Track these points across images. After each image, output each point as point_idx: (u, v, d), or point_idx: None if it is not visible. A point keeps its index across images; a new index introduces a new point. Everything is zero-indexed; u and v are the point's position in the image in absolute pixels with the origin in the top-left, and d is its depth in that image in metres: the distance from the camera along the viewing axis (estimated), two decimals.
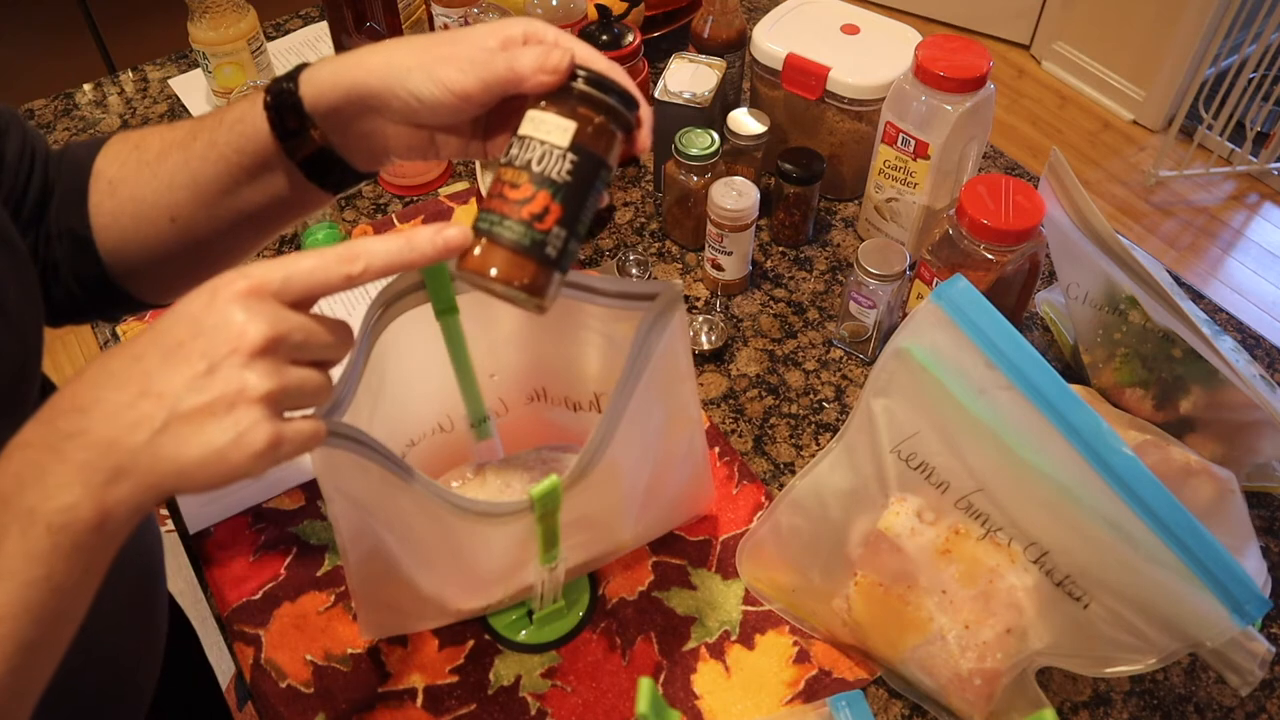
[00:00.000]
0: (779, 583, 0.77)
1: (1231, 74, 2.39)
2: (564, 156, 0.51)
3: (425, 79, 0.52)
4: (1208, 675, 0.75)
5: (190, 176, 0.59)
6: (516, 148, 0.52)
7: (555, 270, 0.51)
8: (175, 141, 0.61)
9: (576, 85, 0.52)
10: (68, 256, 0.63)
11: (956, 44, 0.93)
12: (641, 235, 1.08)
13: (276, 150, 0.57)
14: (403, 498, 0.60)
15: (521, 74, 0.51)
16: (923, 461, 0.64)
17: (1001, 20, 2.96)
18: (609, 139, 0.53)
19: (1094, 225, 0.78)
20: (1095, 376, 0.89)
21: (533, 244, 0.50)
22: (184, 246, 0.62)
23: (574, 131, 0.51)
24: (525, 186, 0.50)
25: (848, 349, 0.97)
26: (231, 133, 0.58)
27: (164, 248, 0.62)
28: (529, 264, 0.50)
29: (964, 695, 0.66)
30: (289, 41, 1.34)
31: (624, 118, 0.53)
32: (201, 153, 0.59)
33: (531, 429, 0.77)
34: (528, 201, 0.50)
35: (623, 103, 0.53)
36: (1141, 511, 0.55)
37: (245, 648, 0.76)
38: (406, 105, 0.53)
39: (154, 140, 0.62)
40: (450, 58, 0.52)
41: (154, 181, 0.61)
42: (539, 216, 0.50)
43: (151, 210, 0.61)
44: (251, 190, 0.60)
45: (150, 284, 0.66)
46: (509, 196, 0.50)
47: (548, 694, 0.73)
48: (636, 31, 1.09)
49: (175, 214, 0.61)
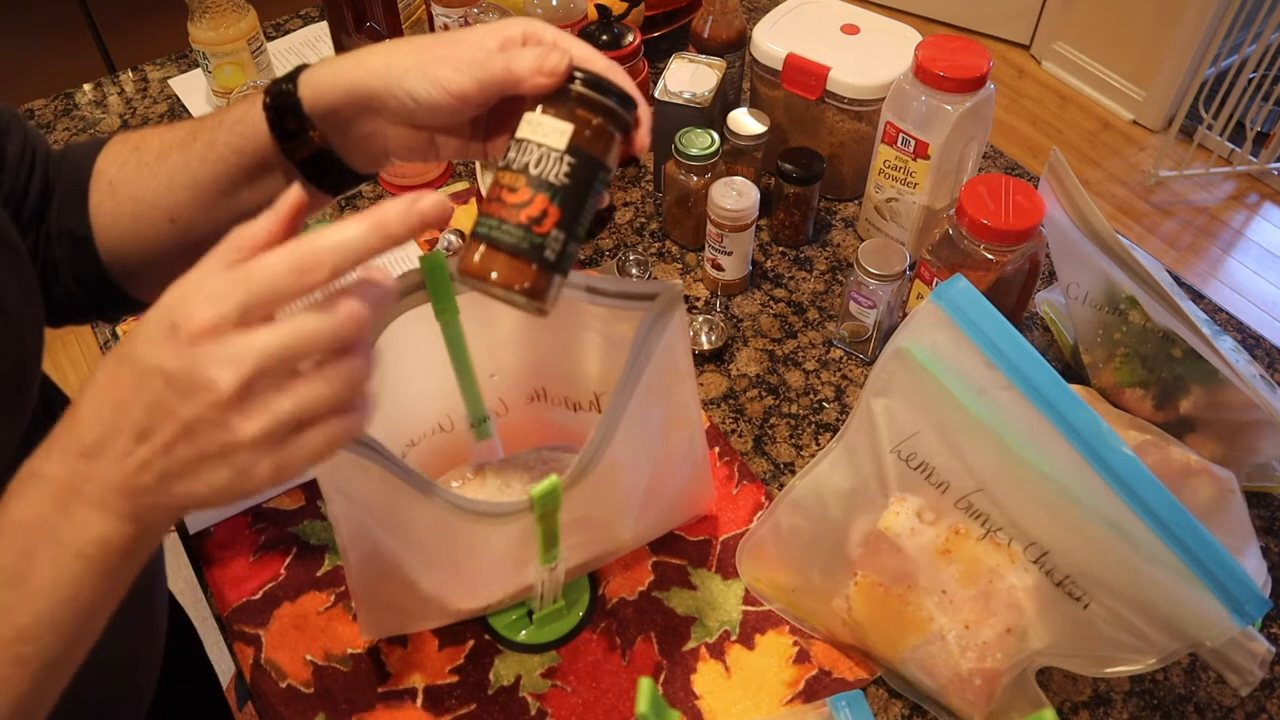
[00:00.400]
0: (779, 583, 0.77)
1: (1231, 74, 2.39)
2: (561, 159, 0.50)
3: (422, 79, 0.52)
4: (1208, 675, 0.75)
5: (190, 177, 0.59)
6: (514, 151, 0.51)
7: (555, 273, 0.51)
8: (175, 142, 0.61)
9: (574, 87, 0.51)
10: (67, 257, 0.63)
11: (956, 44, 0.93)
12: (641, 235, 1.08)
13: (276, 151, 0.57)
14: (402, 498, 0.60)
15: (519, 75, 0.51)
16: (923, 461, 0.64)
17: (1001, 20, 2.96)
18: (607, 140, 0.52)
19: (1094, 225, 0.78)
20: (1095, 376, 0.89)
21: (532, 248, 0.50)
22: (184, 247, 0.62)
23: (571, 134, 0.51)
24: (523, 190, 0.50)
25: (848, 349, 0.97)
26: (231, 133, 0.58)
27: (164, 248, 0.62)
28: (529, 268, 0.50)
29: (964, 695, 0.66)
30: (289, 41, 1.34)
31: (622, 119, 0.53)
32: (201, 153, 0.59)
33: (531, 429, 0.77)
34: (526, 205, 0.50)
35: (621, 103, 0.52)
36: (1141, 511, 0.55)
37: (245, 648, 0.76)
38: (404, 106, 0.53)
39: (154, 141, 0.62)
40: (447, 58, 0.52)
41: (153, 182, 0.61)
42: (537, 220, 0.50)
43: (151, 210, 0.61)
44: (251, 191, 0.60)
45: (150, 284, 0.66)
46: (507, 200, 0.50)
47: (548, 694, 0.73)
48: (636, 31, 1.09)
49: (175, 214, 0.61)
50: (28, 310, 0.57)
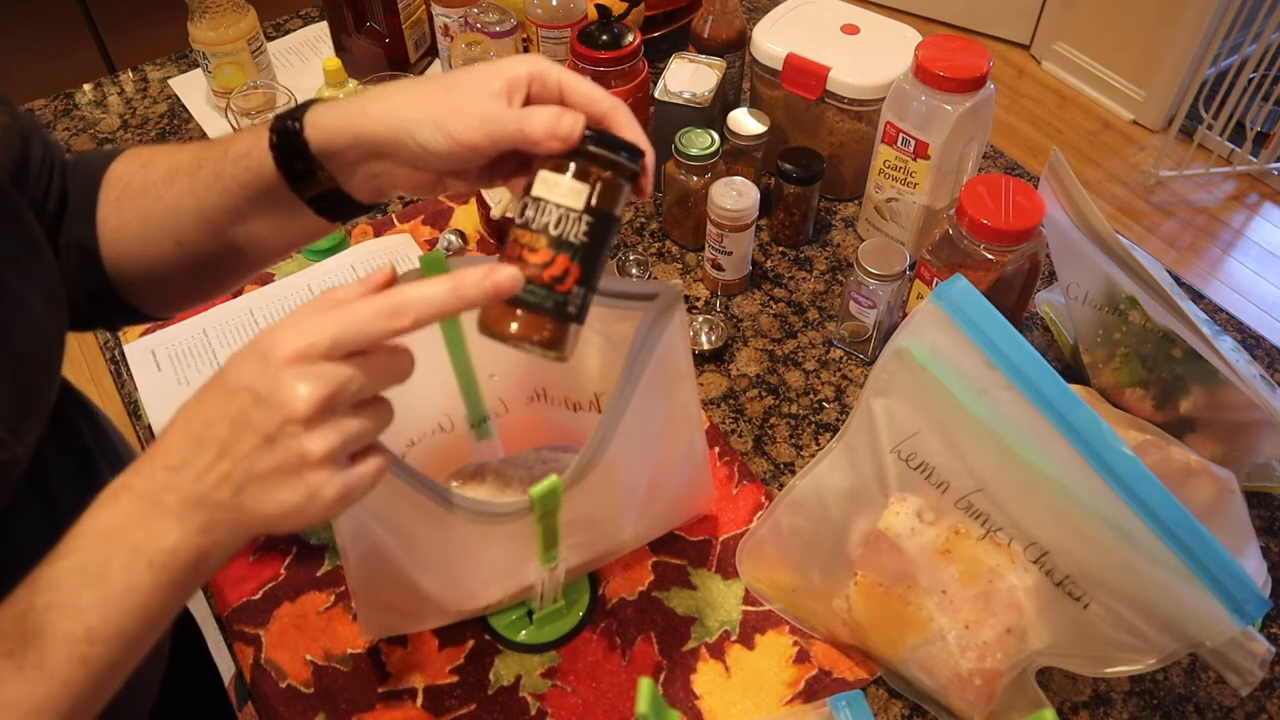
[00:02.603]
0: (779, 583, 0.77)
1: (1231, 74, 2.39)
2: (580, 219, 0.51)
3: (434, 132, 0.52)
4: (1208, 675, 0.75)
5: (195, 203, 0.60)
6: (532, 210, 0.52)
7: (574, 323, 0.53)
8: (181, 167, 0.61)
9: (588, 148, 0.52)
10: (74, 267, 0.63)
11: (956, 44, 0.93)
12: (641, 235, 1.08)
13: (283, 187, 0.57)
14: (403, 498, 0.60)
15: (532, 138, 0.51)
16: (923, 461, 0.64)
17: (1001, 20, 2.96)
18: (617, 192, 0.53)
19: (1094, 225, 0.78)
20: (1095, 376, 0.89)
21: (555, 306, 0.51)
22: (189, 267, 0.63)
23: (588, 194, 0.52)
24: (544, 251, 0.51)
25: (848, 349, 0.97)
26: (237, 167, 0.58)
27: (169, 267, 0.63)
28: (550, 322, 0.51)
29: (964, 695, 0.67)
30: (289, 41, 1.34)
31: (631, 171, 0.53)
32: (207, 183, 0.59)
33: (531, 429, 0.77)
34: (548, 265, 0.51)
35: (630, 157, 0.53)
36: (1141, 511, 0.55)
37: (245, 648, 0.76)
38: (415, 155, 0.53)
39: (162, 162, 0.62)
40: (458, 112, 0.52)
41: (159, 203, 0.61)
42: (560, 279, 0.51)
43: (157, 231, 0.62)
44: (257, 221, 0.60)
45: (154, 299, 0.67)
46: (529, 260, 0.51)
47: (548, 694, 0.73)
48: (636, 31, 1.09)
49: (180, 238, 0.61)
50: (52, 314, 0.58)
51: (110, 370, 0.97)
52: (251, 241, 0.61)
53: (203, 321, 0.98)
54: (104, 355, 0.98)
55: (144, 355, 0.95)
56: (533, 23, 1.15)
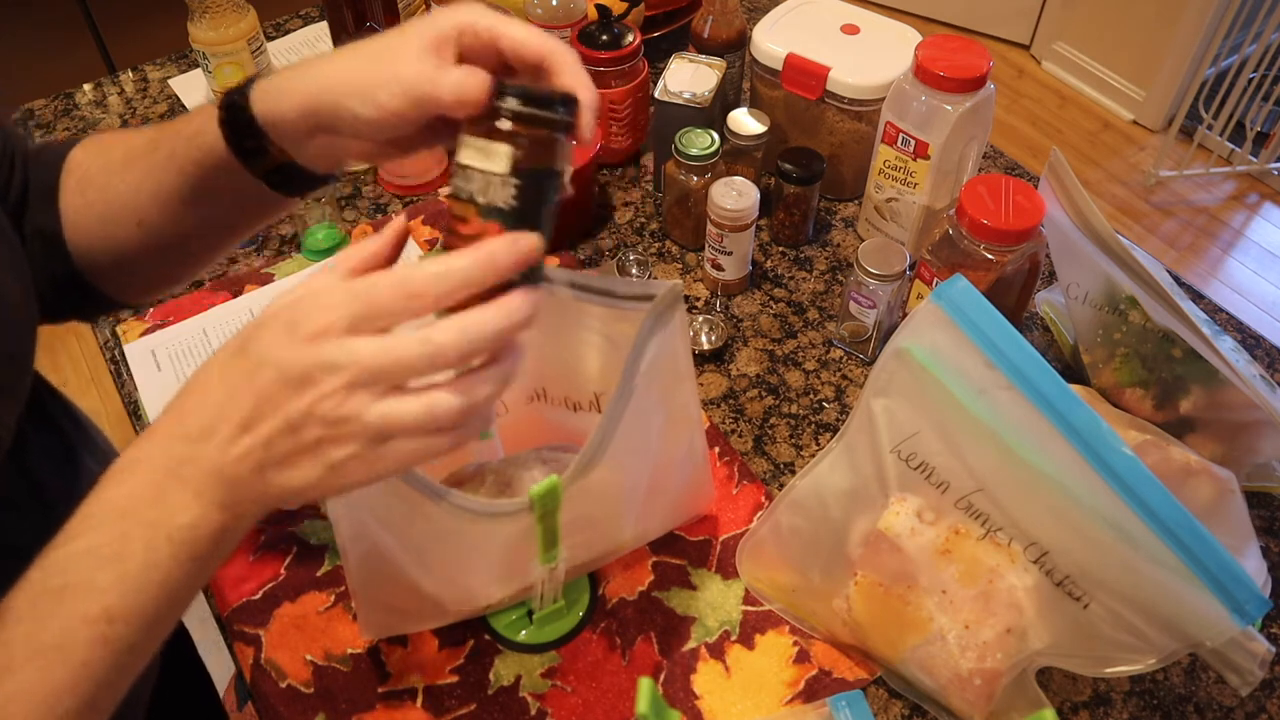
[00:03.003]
0: (779, 583, 0.77)
1: (1231, 74, 2.39)
2: (505, 183, 0.47)
3: (362, 102, 0.50)
4: (1208, 675, 0.75)
5: (154, 185, 0.60)
6: (460, 178, 0.48)
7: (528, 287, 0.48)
8: (138, 150, 0.61)
9: (504, 105, 0.47)
10: (38, 254, 0.63)
11: (956, 44, 0.93)
12: (641, 235, 1.08)
13: (236, 163, 0.57)
14: (402, 498, 0.60)
15: (443, 103, 0.48)
16: (923, 461, 0.64)
17: (1001, 20, 2.96)
18: (550, 147, 0.49)
19: (1094, 225, 0.78)
20: (1095, 376, 0.89)
21: None
22: (154, 249, 0.63)
23: (510, 155, 0.47)
24: (474, 221, 0.47)
25: (848, 349, 0.97)
26: (190, 146, 0.58)
27: (133, 249, 0.63)
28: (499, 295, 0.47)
29: (964, 695, 0.67)
30: (289, 41, 1.34)
31: (562, 123, 0.49)
32: (163, 164, 0.59)
33: (531, 429, 0.77)
34: (478, 236, 0.47)
35: (558, 109, 0.48)
36: (1141, 511, 0.55)
37: (245, 648, 0.76)
38: (351, 125, 0.52)
39: (119, 147, 0.63)
40: (384, 80, 0.50)
41: (120, 186, 0.61)
42: None
43: (119, 213, 0.62)
44: (216, 199, 0.60)
45: (122, 284, 0.67)
46: (461, 232, 0.48)
47: (548, 694, 0.73)
48: (636, 31, 1.09)
49: (141, 219, 0.61)
50: (27, 305, 0.58)
51: (110, 370, 0.97)
52: (213, 219, 0.62)
53: (203, 321, 0.98)
54: (104, 355, 0.98)
55: (144, 355, 0.95)
56: (533, 22, 1.15)
